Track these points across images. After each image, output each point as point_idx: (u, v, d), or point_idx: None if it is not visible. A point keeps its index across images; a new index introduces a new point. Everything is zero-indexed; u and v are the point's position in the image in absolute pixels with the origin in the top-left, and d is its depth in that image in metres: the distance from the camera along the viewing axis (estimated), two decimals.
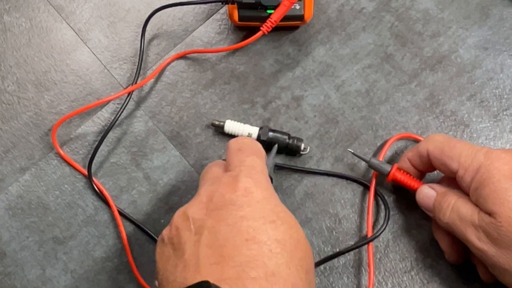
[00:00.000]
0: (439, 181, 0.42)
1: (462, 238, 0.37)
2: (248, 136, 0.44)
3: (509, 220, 0.34)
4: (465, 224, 0.36)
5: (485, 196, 0.35)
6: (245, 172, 0.34)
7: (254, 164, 0.35)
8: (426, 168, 0.41)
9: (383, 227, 0.42)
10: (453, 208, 0.38)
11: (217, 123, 0.45)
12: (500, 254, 0.35)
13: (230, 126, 0.44)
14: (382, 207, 0.44)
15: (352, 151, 0.43)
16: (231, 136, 0.45)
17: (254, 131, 0.44)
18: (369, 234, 0.43)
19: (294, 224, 0.32)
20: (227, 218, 0.31)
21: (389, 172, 0.42)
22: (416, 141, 0.45)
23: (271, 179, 0.39)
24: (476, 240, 0.36)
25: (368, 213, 0.43)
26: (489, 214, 0.35)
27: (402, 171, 0.42)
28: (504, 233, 0.34)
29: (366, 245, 0.42)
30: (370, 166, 0.43)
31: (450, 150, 0.38)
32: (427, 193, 0.40)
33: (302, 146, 0.44)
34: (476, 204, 0.36)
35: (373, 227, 0.44)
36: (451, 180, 0.40)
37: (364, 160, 0.43)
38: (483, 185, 0.35)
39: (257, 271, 0.29)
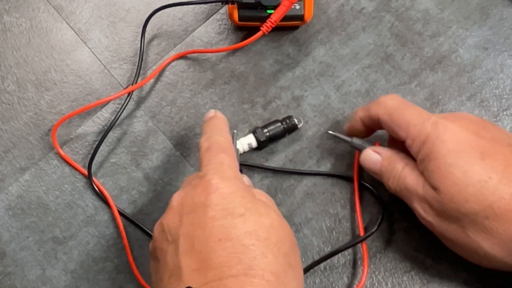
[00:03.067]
0: (388, 141, 0.43)
1: (409, 206, 0.38)
2: (248, 144, 0.44)
3: (451, 197, 0.34)
4: (411, 194, 0.37)
5: (430, 171, 0.35)
6: (212, 169, 0.34)
7: (222, 161, 0.35)
8: (378, 127, 0.41)
9: (378, 222, 0.42)
10: (400, 177, 0.38)
11: (235, 131, 0.44)
12: (445, 226, 0.36)
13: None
14: (380, 205, 0.44)
15: (332, 132, 0.44)
16: None
17: (250, 138, 0.44)
18: (361, 227, 0.43)
19: (264, 211, 0.33)
20: (198, 221, 0.31)
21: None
22: None
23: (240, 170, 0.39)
24: (422, 211, 0.36)
25: (356, 209, 0.44)
26: (433, 188, 0.35)
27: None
28: (447, 209, 0.34)
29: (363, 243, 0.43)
30: (352, 146, 0.43)
31: (399, 118, 0.37)
32: (372, 157, 0.40)
33: (296, 121, 0.44)
34: (423, 174, 0.36)
35: (370, 224, 0.44)
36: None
37: (345, 140, 0.43)
38: (429, 158, 0.35)
39: (235, 269, 0.29)
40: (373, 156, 0.40)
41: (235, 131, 0.44)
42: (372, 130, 0.42)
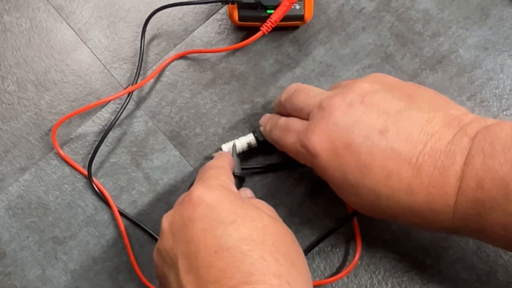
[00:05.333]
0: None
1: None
2: (248, 144, 0.44)
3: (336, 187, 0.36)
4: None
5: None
6: (198, 184, 0.34)
7: (209, 175, 0.35)
8: None
9: None
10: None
11: (214, 154, 0.44)
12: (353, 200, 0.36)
13: (229, 148, 0.44)
14: None
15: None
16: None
17: (250, 137, 0.44)
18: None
19: (256, 214, 0.32)
20: (191, 237, 0.31)
21: None
22: None
23: (241, 178, 0.40)
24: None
25: None
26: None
27: None
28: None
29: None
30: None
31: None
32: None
33: None
34: None
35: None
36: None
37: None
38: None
39: (235, 278, 0.29)
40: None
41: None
42: None
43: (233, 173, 0.39)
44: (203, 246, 0.30)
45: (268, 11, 0.43)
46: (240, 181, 0.40)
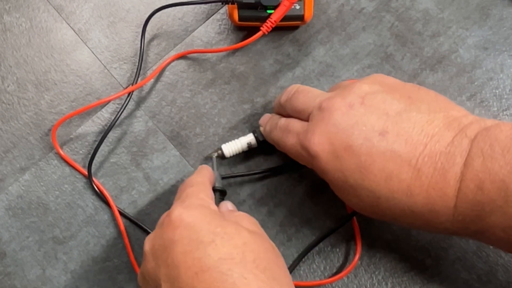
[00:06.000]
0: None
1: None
2: (248, 144, 0.44)
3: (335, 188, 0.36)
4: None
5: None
6: (177, 204, 0.34)
7: (187, 193, 0.35)
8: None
9: None
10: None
11: (216, 154, 0.44)
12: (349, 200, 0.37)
13: (229, 148, 0.44)
14: None
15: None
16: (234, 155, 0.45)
17: (250, 137, 0.44)
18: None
19: (235, 231, 0.32)
20: (172, 259, 0.31)
21: None
22: None
23: (222, 191, 0.40)
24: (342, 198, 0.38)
25: None
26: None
27: None
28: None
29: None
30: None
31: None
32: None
33: None
34: None
35: None
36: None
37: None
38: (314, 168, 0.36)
39: None
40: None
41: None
42: None
43: (213, 188, 0.39)
44: (184, 268, 0.30)
45: (268, 11, 0.43)
46: (221, 194, 0.40)
